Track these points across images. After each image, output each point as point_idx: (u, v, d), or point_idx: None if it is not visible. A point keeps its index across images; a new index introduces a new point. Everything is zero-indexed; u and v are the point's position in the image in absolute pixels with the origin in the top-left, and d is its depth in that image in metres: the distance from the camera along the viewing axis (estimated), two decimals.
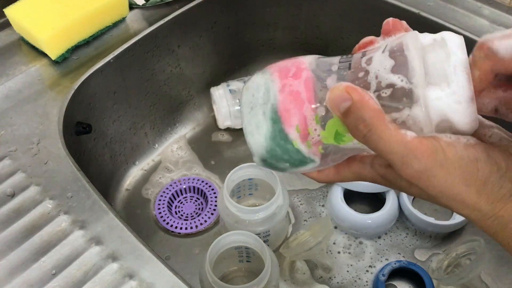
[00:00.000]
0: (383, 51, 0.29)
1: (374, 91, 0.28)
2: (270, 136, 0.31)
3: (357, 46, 0.34)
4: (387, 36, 0.33)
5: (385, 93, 0.28)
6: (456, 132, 0.28)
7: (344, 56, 0.32)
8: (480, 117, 0.31)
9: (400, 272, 0.62)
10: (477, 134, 0.30)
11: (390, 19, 0.32)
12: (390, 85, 0.28)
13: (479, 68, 0.29)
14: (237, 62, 0.85)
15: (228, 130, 0.79)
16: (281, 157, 0.32)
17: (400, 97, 0.28)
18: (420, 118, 0.27)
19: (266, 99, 0.31)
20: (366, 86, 0.29)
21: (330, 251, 0.65)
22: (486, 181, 0.27)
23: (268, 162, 0.33)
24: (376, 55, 0.29)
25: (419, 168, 0.27)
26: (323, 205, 0.70)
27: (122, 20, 0.70)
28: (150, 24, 0.69)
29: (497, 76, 0.29)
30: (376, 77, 0.28)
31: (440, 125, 0.28)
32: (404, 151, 0.27)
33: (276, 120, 0.31)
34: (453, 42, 0.28)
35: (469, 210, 0.28)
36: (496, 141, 0.29)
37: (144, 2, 0.73)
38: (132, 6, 0.72)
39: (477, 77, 0.29)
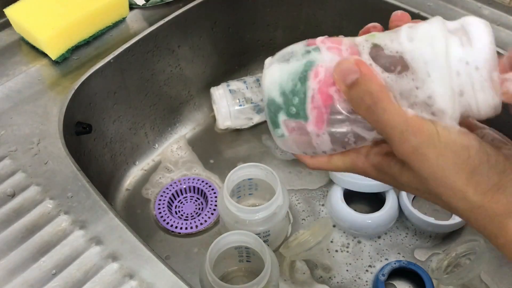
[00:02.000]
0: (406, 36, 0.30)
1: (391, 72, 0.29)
2: (294, 71, 0.32)
3: (361, 31, 0.34)
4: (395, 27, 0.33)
5: (406, 75, 0.29)
6: (475, 115, 0.29)
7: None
8: (474, 120, 0.32)
9: (400, 272, 0.62)
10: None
11: (399, 11, 0.33)
12: (408, 68, 0.29)
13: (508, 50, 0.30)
14: (237, 62, 0.85)
15: (228, 130, 0.79)
16: (287, 95, 0.32)
17: (423, 76, 0.28)
18: (442, 101, 0.28)
19: (307, 51, 0.33)
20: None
21: (328, 250, 0.65)
22: (475, 170, 0.28)
23: (271, 96, 0.33)
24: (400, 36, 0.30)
25: (415, 144, 0.28)
26: (322, 205, 0.70)
27: (122, 20, 0.70)
28: (150, 24, 0.69)
29: None
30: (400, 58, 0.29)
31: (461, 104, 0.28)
32: (404, 125, 0.28)
33: (309, 64, 0.32)
34: (476, 27, 0.28)
35: (457, 198, 0.29)
36: (488, 142, 0.30)
37: (144, 2, 0.73)
38: (132, 6, 0.72)
39: (505, 59, 0.30)
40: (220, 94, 0.76)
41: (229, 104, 0.75)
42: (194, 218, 0.70)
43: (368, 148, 0.33)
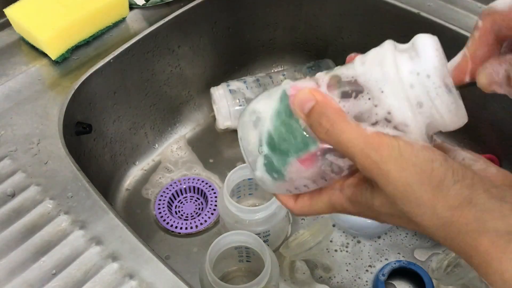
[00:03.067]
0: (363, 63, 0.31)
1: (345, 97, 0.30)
2: (277, 112, 0.32)
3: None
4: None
5: (362, 97, 0.30)
6: (440, 125, 0.29)
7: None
8: (446, 144, 0.32)
9: (400, 272, 0.62)
10: None
11: (353, 54, 0.33)
12: (363, 90, 0.30)
13: (478, 29, 0.30)
14: (237, 62, 0.85)
15: (228, 130, 0.79)
16: (284, 137, 0.32)
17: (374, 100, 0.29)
18: (400, 115, 0.29)
19: (277, 91, 0.33)
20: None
21: (327, 249, 0.65)
22: (441, 183, 0.27)
23: (268, 153, 0.33)
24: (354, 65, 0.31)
25: (376, 159, 0.28)
26: None
27: (122, 20, 0.70)
28: (150, 24, 0.69)
29: (504, 44, 0.30)
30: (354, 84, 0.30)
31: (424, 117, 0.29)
32: (363, 143, 0.28)
33: (284, 97, 0.32)
34: (421, 40, 0.29)
35: (427, 215, 0.28)
36: (459, 161, 0.30)
37: (144, 2, 0.73)
38: (132, 6, 0.72)
39: (477, 38, 0.30)
40: (220, 94, 0.76)
41: (229, 104, 0.75)
42: (194, 218, 0.70)
43: (342, 182, 0.33)
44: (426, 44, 0.29)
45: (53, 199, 0.50)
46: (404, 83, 0.28)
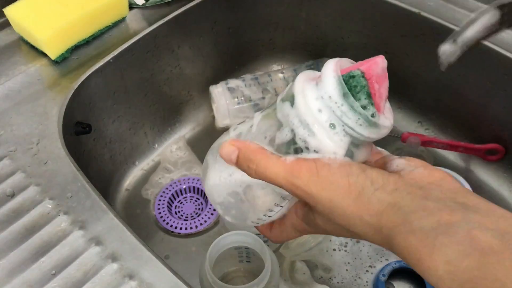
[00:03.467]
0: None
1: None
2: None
3: None
4: None
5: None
6: (362, 137, 0.31)
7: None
8: (386, 154, 0.34)
9: (400, 272, 0.61)
10: (379, 165, 0.33)
11: None
12: (281, 125, 0.32)
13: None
14: (237, 62, 0.85)
15: (228, 129, 0.79)
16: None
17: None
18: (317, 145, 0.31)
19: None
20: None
21: (326, 249, 0.65)
22: (361, 194, 0.29)
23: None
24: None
25: (299, 183, 0.30)
26: None
27: (122, 20, 0.70)
28: (150, 24, 0.69)
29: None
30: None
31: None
32: (285, 172, 0.31)
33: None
34: (325, 65, 0.32)
35: (359, 225, 0.29)
36: (394, 168, 0.32)
37: (144, 2, 0.73)
38: (132, 6, 0.72)
39: None
40: (218, 92, 0.76)
41: (227, 103, 0.75)
42: (194, 218, 0.70)
43: (295, 205, 0.36)
44: (327, 68, 0.31)
45: (53, 199, 0.50)
46: (312, 110, 0.30)
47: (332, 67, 0.31)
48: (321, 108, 0.30)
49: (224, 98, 0.76)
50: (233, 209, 0.37)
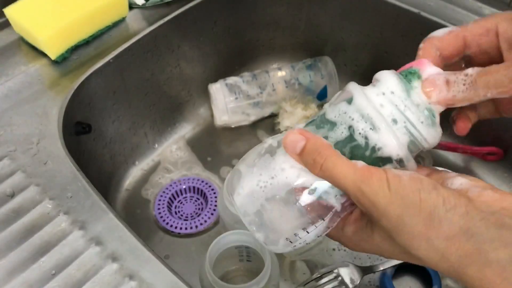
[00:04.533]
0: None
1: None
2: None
3: None
4: None
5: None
6: (421, 141, 0.31)
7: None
8: (444, 171, 0.33)
9: (405, 268, 0.61)
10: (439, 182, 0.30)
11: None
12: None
13: (421, 49, 0.34)
14: (237, 62, 0.85)
15: (228, 129, 0.79)
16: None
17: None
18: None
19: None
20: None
21: (326, 249, 0.65)
22: (432, 214, 0.27)
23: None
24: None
25: (367, 191, 0.28)
26: None
27: (122, 20, 0.70)
28: (150, 24, 0.69)
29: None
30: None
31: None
32: (355, 175, 0.29)
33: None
34: (381, 72, 0.32)
35: (424, 248, 0.27)
36: (457, 187, 0.29)
37: (144, 2, 0.73)
38: (132, 6, 0.72)
39: (421, 56, 0.34)
40: (216, 88, 0.76)
41: (226, 100, 0.76)
42: (194, 218, 0.70)
43: (341, 222, 0.33)
44: (383, 72, 0.32)
45: (53, 199, 0.50)
46: (374, 103, 0.30)
47: (391, 71, 0.31)
48: (383, 103, 0.30)
49: (222, 94, 0.76)
50: (269, 221, 0.34)
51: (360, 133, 0.30)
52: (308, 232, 0.33)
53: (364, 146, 0.30)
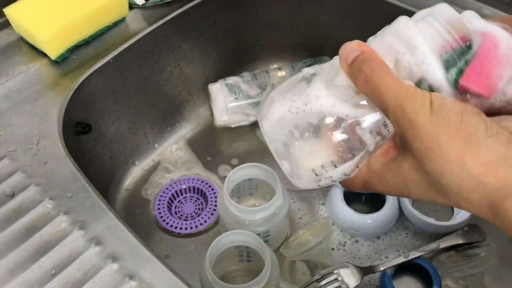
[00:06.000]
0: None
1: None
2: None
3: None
4: None
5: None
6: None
7: None
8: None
9: (405, 268, 0.61)
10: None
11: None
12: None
13: None
14: (237, 62, 0.85)
15: (228, 129, 0.79)
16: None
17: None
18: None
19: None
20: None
21: (326, 249, 0.65)
22: (471, 136, 0.25)
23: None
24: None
25: (408, 108, 0.27)
26: (323, 204, 0.70)
27: (122, 20, 0.70)
28: (150, 24, 0.69)
29: None
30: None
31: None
32: (399, 92, 0.28)
33: None
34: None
35: (456, 173, 0.26)
36: (506, 125, 0.28)
37: (144, 2, 0.73)
38: (132, 6, 0.72)
39: None
40: (217, 88, 0.76)
41: (226, 100, 0.76)
42: (194, 218, 0.70)
43: (367, 161, 0.32)
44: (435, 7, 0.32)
45: (53, 199, 0.50)
46: (417, 19, 0.31)
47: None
48: (424, 16, 0.31)
49: (222, 94, 0.76)
50: (297, 149, 0.31)
51: (405, 66, 0.30)
52: (336, 167, 0.31)
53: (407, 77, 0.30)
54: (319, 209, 0.70)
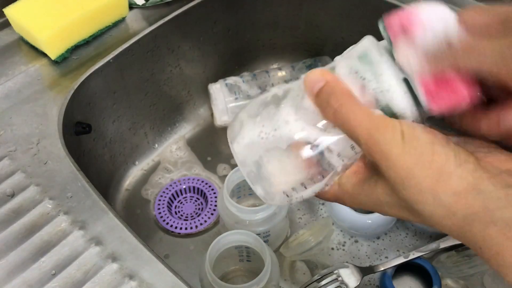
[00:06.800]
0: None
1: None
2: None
3: None
4: None
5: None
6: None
7: None
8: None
9: (405, 268, 0.61)
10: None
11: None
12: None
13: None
14: (237, 62, 0.85)
15: (227, 127, 0.79)
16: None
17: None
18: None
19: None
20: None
21: (326, 249, 0.65)
22: (442, 167, 0.26)
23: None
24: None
25: (380, 140, 0.28)
26: (323, 204, 0.70)
27: (122, 20, 0.70)
28: (150, 24, 0.69)
29: None
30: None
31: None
32: (370, 124, 0.28)
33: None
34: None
35: (429, 203, 0.27)
36: (472, 151, 0.29)
37: (144, 2, 0.73)
38: (132, 6, 0.72)
39: None
40: (217, 88, 0.76)
41: (226, 100, 0.76)
42: (194, 218, 0.70)
43: (338, 179, 0.33)
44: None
45: (53, 199, 0.50)
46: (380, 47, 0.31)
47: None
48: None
49: (222, 94, 0.76)
50: (267, 173, 0.33)
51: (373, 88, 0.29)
52: (306, 188, 0.32)
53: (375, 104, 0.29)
54: (319, 209, 0.70)
